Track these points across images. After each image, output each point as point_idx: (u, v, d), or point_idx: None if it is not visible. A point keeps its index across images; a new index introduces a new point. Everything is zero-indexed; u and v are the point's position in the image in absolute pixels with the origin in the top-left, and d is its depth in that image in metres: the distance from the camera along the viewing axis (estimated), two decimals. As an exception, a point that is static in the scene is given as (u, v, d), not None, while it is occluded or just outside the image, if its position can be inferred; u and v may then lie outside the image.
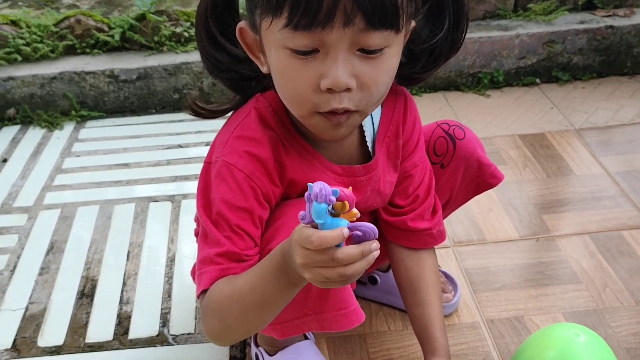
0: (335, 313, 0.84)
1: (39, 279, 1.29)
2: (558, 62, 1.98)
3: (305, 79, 0.72)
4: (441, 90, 1.99)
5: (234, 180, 0.81)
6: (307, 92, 0.73)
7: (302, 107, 0.76)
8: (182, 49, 1.94)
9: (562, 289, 1.21)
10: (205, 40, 0.84)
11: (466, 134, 1.05)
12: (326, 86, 0.71)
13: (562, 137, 1.71)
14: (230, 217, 0.81)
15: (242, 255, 0.81)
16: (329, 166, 0.87)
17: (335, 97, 0.73)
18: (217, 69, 0.86)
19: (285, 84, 0.76)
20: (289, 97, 0.77)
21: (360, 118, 0.78)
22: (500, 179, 1.08)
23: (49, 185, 1.59)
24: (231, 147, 0.83)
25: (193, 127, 1.85)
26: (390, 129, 0.93)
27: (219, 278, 0.80)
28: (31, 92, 1.87)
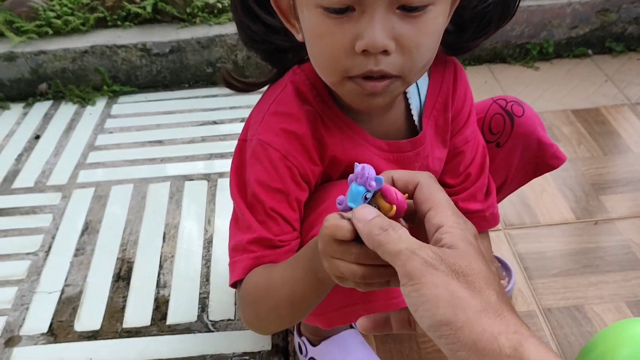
0: (386, 302, 0.78)
1: (74, 261, 1.25)
2: (612, 32, 1.86)
3: (338, 40, 0.64)
4: (486, 62, 1.89)
5: (269, 160, 0.75)
6: (339, 55, 0.65)
7: (333, 72, 0.68)
8: (215, 20, 1.87)
9: (624, 276, 1.13)
10: (240, 9, 0.77)
11: (525, 111, 0.98)
12: (361, 47, 0.63)
13: (618, 112, 1.61)
14: (264, 200, 0.75)
15: (276, 241, 0.76)
16: (372, 141, 0.80)
17: (371, 59, 0.64)
18: (252, 39, 0.80)
19: (316, 47, 0.69)
20: (320, 61, 0.70)
21: (401, 87, 0.70)
22: (563, 160, 1.00)
23: (82, 163, 1.55)
24: (267, 124, 0.77)
25: (228, 102, 1.79)
26: (438, 101, 0.85)
27: (252, 267, 0.76)
28: (62, 66, 1.82)
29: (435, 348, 1.02)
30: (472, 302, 0.44)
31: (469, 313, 0.43)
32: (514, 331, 0.43)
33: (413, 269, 0.45)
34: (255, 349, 1.05)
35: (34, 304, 1.16)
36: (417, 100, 0.84)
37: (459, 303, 0.43)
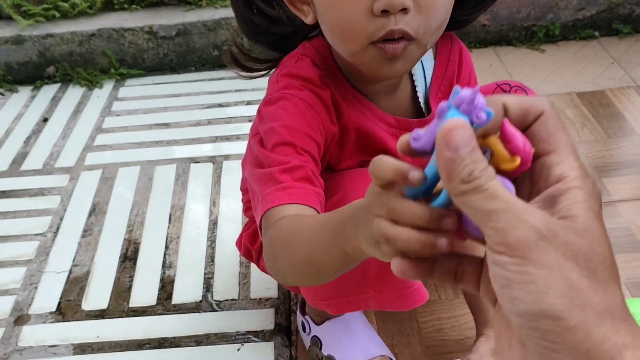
0: (397, 292, 0.80)
1: (82, 241, 1.28)
2: (619, 14, 1.85)
3: (356, 3, 0.66)
4: (492, 45, 1.89)
5: (295, 106, 0.74)
6: (359, 19, 0.66)
7: (355, 39, 0.69)
8: (221, 3, 1.88)
9: (625, 258, 1.14)
10: (241, 3, 0.79)
11: None
12: (381, 7, 0.64)
13: (624, 95, 1.60)
14: (294, 141, 0.72)
15: (310, 173, 0.70)
16: (381, 116, 0.81)
17: (390, 19, 0.65)
18: (255, 32, 0.81)
19: (334, 16, 0.69)
20: (340, 30, 0.70)
21: (418, 50, 0.71)
22: None
23: (90, 146, 1.57)
24: (287, 82, 0.77)
25: (233, 85, 1.80)
26: (443, 83, 0.86)
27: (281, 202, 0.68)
28: (70, 49, 1.84)
29: (436, 327, 1.03)
30: (595, 299, 0.33)
31: (588, 312, 0.33)
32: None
33: (518, 239, 0.34)
34: (259, 328, 1.07)
35: (43, 283, 1.19)
36: (422, 81, 0.85)
37: (578, 297, 0.33)
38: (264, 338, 1.05)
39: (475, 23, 1.83)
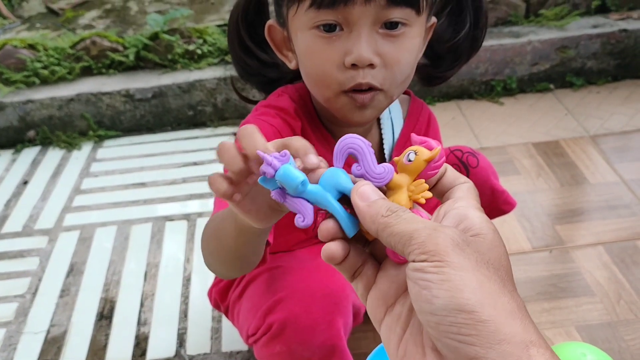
0: None
1: (59, 302, 1.32)
2: (572, 67, 1.97)
3: (330, 56, 0.75)
4: (454, 98, 1.99)
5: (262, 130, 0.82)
6: (332, 70, 0.75)
7: (328, 87, 0.77)
8: (195, 66, 1.97)
9: (576, 302, 1.20)
10: (237, 45, 0.89)
11: (479, 162, 1.07)
12: (350, 62, 0.74)
13: (577, 145, 1.70)
14: None
15: None
16: None
17: (359, 73, 0.74)
18: (248, 72, 0.92)
19: (311, 65, 0.78)
20: (315, 77, 0.79)
21: (385, 100, 0.79)
22: (513, 205, 1.09)
23: (69, 207, 1.63)
24: (263, 111, 0.86)
25: (208, 144, 1.87)
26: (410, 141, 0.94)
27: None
28: (50, 114, 1.91)
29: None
30: (504, 299, 0.38)
31: (499, 310, 0.37)
32: (545, 347, 0.38)
33: (436, 246, 0.39)
34: (229, 381, 1.11)
35: (21, 344, 1.23)
36: (390, 135, 0.94)
37: (489, 296, 0.38)
38: (234, 391, 1.09)
39: (436, 79, 1.94)
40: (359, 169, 0.45)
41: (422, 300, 0.39)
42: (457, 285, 0.38)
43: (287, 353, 0.83)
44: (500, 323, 0.37)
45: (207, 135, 1.93)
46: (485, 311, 0.37)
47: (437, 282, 0.38)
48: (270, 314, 0.84)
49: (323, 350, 0.82)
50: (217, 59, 1.99)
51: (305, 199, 0.45)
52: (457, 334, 0.37)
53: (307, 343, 0.82)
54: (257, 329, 0.85)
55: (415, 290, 0.39)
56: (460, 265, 0.38)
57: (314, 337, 0.82)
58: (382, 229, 0.42)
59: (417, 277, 0.39)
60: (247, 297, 0.92)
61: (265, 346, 0.85)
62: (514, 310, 0.38)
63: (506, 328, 0.37)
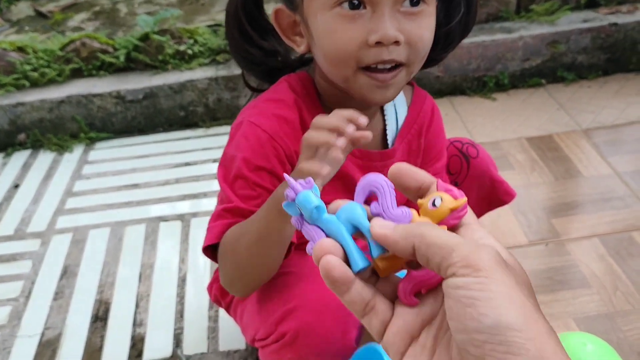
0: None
1: (53, 304, 1.31)
2: (563, 62, 1.97)
3: (353, 35, 0.74)
4: (447, 95, 1.99)
5: (256, 139, 0.82)
6: (354, 48, 0.75)
7: (347, 64, 0.77)
8: (186, 66, 1.96)
9: (573, 294, 1.20)
10: (238, 36, 0.87)
11: (479, 152, 1.07)
12: (375, 40, 0.74)
13: (569, 139, 1.70)
14: (248, 175, 0.82)
15: (247, 211, 0.81)
16: None
17: (383, 50, 0.75)
18: (250, 62, 0.90)
19: (332, 43, 0.77)
20: (334, 57, 0.78)
21: (405, 77, 0.80)
22: (513, 195, 1.09)
23: (61, 209, 1.62)
24: (258, 108, 0.86)
25: (200, 144, 1.86)
26: (414, 127, 0.95)
27: (224, 231, 0.82)
28: (40, 116, 1.90)
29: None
30: (540, 319, 0.38)
31: (540, 328, 0.37)
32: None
33: (480, 261, 0.38)
34: (227, 380, 1.10)
35: (15, 347, 1.21)
36: (393, 121, 0.94)
37: (530, 314, 0.37)
38: (232, 390, 1.09)
39: (429, 75, 1.94)
40: (377, 207, 0.44)
41: (466, 319, 0.37)
42: (504, 303, 0.37)
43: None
44: (542, 342, 0.37)
45: (199, 136, 1.92)
46: (530, 328, 0.37)
47: (484, 300, 0.37)
48: (283, 322, 0.83)
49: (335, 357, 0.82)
50: (208, 59, 1.98)
51: (320, 228, 0.44)
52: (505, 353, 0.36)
53: (320, 353, 0.81)
54: (268, 335, 0.84)
55: (458, 308, 0.38)
56: (504, 283, 0.38)
57: (328, 347, 0.81)
58: (420, 240, 0.40)
59: (460, 294, 0.38)
60: (256, 299, 0.90)
61: (275, 353, 0.84)
62: (550, 331, 0.38)
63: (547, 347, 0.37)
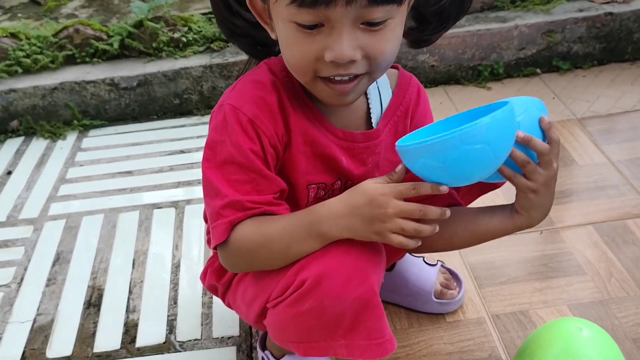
0: (369, 342, 0.83)
1: (46, 291, 1.30)
2: (558, 52, 1.97)
3: (309, 50, 0.75)
4: (441, 84, 1.98)
5: (238, 123, 0.81)
6: (310, 60, 0.75)
7: (305, 74, 0.78)
8: (180, 54, 1.95)
9: (567, 281, 1.20)
10: (222, 6, 0.86)
11: None
12: (330, 59, 0.74)
13: (564, 127, 1.70)
14: (239, 159, 0.81)
15: (245, 203, 0.81)
16: (328, 127, 0.88)
17: (340, 66, 0.75)
18: (235, 33, 0.89)
19: (290, 54, 0.78)
20: (292, 65, 0.80)
21: (368, 82, 0.81)
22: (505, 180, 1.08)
23: (54, 196, 1.61)
24: (238, 90, 0.85)
25: (195, 132, 1.85)
26: (400, 109, 0.94)
27: (229, 230, 0.82)
28: (33, 103, 1.88)
29: (391, 357, 1.08)
30: None
31: None
32: None
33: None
34: (221, 366, 1.10)
35: (7, 333, 1.20)
36: (378, 104, 0.93)
37: None
38: (226, 375, 1.08)
39: (424, 64, 1.94)
40: None
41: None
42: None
43: (317, 310, 0.80)
44: None
45: (194, 124, 1.91)
46: None
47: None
48: (304, 270, 0.81)
49: (357, 304, 0.80)
50: (203, 47, 1.97)
51: None
52: None
53: (341, 297, 0.79)
54: (286, 288, 0.82)
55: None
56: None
57: (349, 291, 0.79)
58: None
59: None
60: None
61: (291, 305, 0.82)
62: None
63: None
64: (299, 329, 0.83)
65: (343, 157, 0.89)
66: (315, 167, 0.89)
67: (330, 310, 0.79)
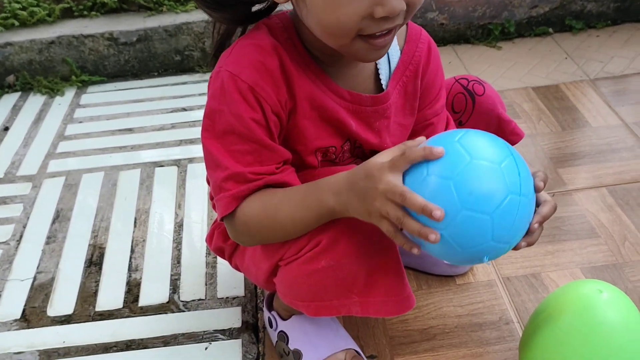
0: (386, 299, 0.81)
1: (46, 248, 1.27)
2: (571, 10, 1.91)
3: (358, 9, 0.70)
4: (450, 43, 1.93)
5: (237, 91, 0.77)
6: (356, 21, 0.71)
7: (346, 35, 0.72)
8: (182, 8, 1.88)
9: (580, 244, 1.18)
10: None
11: (486, 90, 1.02)
12: (382, 14, 0.70)
13: (577, 88, 1.65)
14: (239, 129, 0.77)
15: (247, 174, 0.78)
16: (335, 89, 0.83)
17: (388, 21, 0.71)
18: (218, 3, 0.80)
19: (332, 17, 0.71)
20: (334, 28, 0.73)
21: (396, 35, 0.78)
22: (521, 136, 1.05)
23: (52, 153, 1.57)
24: (236, 55, 0.79)
25: (197, 89, 1.80)
26: (409, 69, 0.89)
27: (233, 204, 0.79)
28: (30, 58, 1.82)
29: (400, 319, 1.06)
30: None
31: None
32: None
33: None
34: (226, 327, 1.08)
35: (7, 291, 1.18)
36: (386, 65, 0.88)
37: None
38: (231, 336, 1.06)
39: (433, 22, 1.88)
40: None
41: None
42: None
43: (334, 268, 0.77)
44: None
45: (196, 81, 1.86)
46: None
47: None
48: (319, 233, 0.78)
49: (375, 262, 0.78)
50: (205, 1, 1.90)
51: None
52: None
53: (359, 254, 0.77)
54: (301, 248, 0.80)
55: None
56: None
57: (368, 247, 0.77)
58: None
59: None
60: None
61: (307, 263, 0.79)
62: None
63: None
64: (312, 287, 0.81)
65: (352, 120, 0.85)
66: (324, 131, 0.85)
67: (347, 268, 0.77)
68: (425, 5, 1.83)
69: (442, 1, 1.86)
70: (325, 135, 0.85)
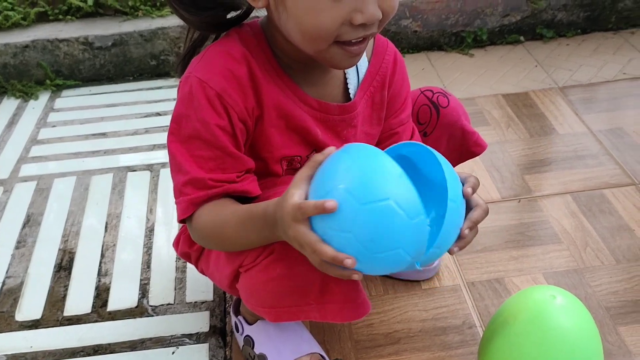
0: (342, 305, 0.82)
1: (15, 253, 1.27)
2: (542, 19, 1.95)
3: (337, 16, 0.72)
4: (424, 50, 1.96)
5: (205, 97, 0.78)
6: (335, 27, 0.73)
7: (325, 40, 0.74)
8: (157, 13, 1.89)
9: (543, 250, 1.20)
10: None
11: (450, 102, 1.04)
12: (361, 21, 0.72)
13: (546, 96, 1.69)
14: (204, 135, 0.78)
15: (207, 181, 0.79)
16: (303, 97, 0.85)
17: (367, 28, 0.74)
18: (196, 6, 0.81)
19: (312, 22, 0.73)
20: (313, 34, 0.74)
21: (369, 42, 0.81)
22: (484, 147, 1.07)
23: (25, 157, 1.56)
24: (206, 61, 0.81)
25: (171, 94, 1.81)
26: (377, 79, 0.91)
27: (190, 209, 0.81)
28: (4, 61, 1.82)
29: (366, 323, 1.07)
30: None
31: None
32: None
33: None
34: (194, 331, 1.09)
35: (-25, 296, 1.18)
36: (355, 75, 0.90)
37: None
38: (198, 340, 1.07)
39: (407, 30, 1.90)
40: None
41: None
42: None
43: (287, 277, 0.79)
44: None
45: (171, 86, 1.86)
46: None
47: None
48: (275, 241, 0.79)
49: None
50: (181, 6, 1.91)
51: None
52: None
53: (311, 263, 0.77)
54: (258, 255, 0.81)
55: None
56: None
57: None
58: None
59: None
60: None
61: (263, 271, 0.81)
62: None
63: None
64: (270, 294, 0.82)
65: (318, 129, 0.86)
66: (290, 140, 0.86)
67: (300, 276, 0.78)
68: (399, 12, 1.86)
69: (416, 9, 1.88)
70: (291, 144, 0.87)
